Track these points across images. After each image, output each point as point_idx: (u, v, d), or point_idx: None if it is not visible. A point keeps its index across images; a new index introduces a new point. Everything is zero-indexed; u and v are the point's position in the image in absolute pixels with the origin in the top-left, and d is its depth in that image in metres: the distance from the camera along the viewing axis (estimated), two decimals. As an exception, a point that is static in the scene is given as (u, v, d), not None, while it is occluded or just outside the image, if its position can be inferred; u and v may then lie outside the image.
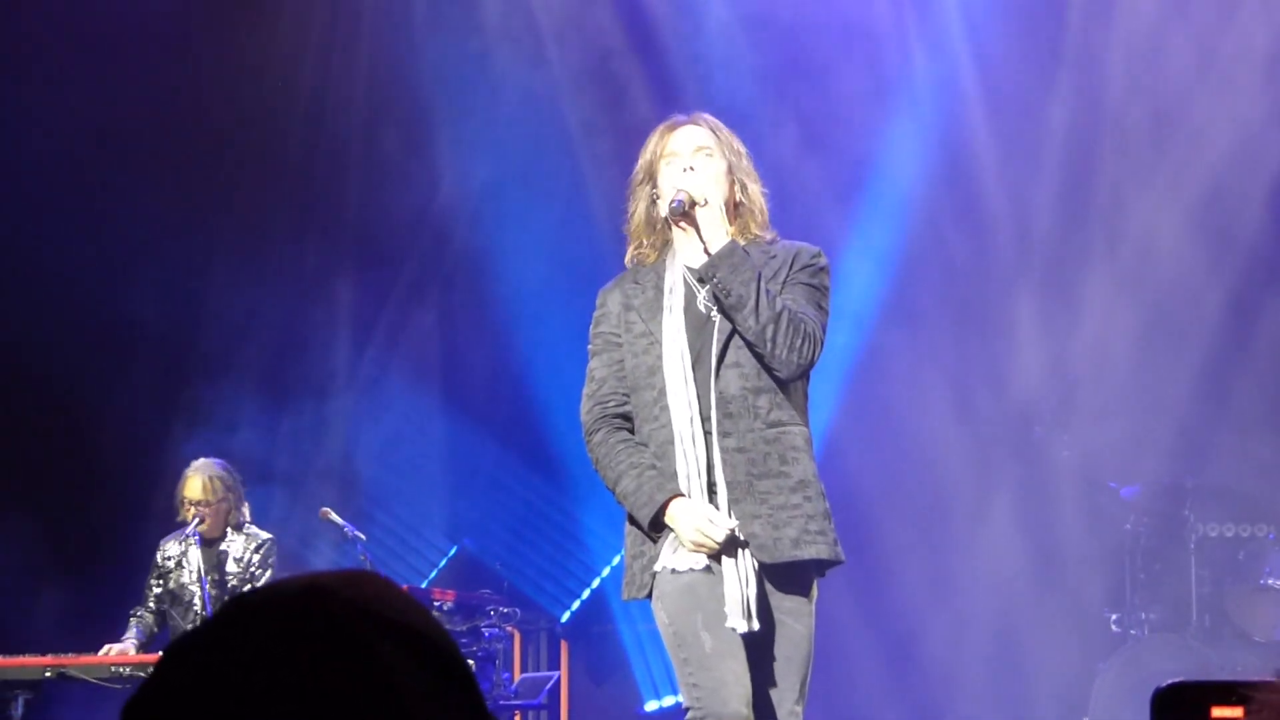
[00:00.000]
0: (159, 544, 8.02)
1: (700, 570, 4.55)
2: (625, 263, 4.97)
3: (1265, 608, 8.42)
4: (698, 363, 4.67)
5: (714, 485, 4.61)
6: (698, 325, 4.72)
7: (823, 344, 4.70)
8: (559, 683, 9.72)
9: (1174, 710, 1.63)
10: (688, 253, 4.83)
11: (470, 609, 8.64)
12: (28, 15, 9.79)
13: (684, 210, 4.68)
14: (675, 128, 4.92)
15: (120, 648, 7.60)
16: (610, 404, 4.76)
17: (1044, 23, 9.62)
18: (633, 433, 4.75)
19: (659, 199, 4.86)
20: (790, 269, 4.78)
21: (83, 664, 7.35)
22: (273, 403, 10.05)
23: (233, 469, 8.05)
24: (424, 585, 9.85)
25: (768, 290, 4.62)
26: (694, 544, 4.53)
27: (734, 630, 4.51)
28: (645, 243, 4.90)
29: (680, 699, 4.60)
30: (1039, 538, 9.23)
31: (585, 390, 4.83)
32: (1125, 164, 9.44)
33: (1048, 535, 9.22)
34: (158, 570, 7.96)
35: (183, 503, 7.87)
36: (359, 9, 10.31)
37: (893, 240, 9.60)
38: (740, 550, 4.55)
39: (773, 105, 9.64)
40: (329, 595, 1.33)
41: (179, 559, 7.90)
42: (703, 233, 4.68)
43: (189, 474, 7.91)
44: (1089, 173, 9.51)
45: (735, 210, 4.83)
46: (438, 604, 8.46)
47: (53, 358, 9.64)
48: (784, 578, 4.64)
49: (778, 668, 4.63)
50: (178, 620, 7.83)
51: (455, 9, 10.08)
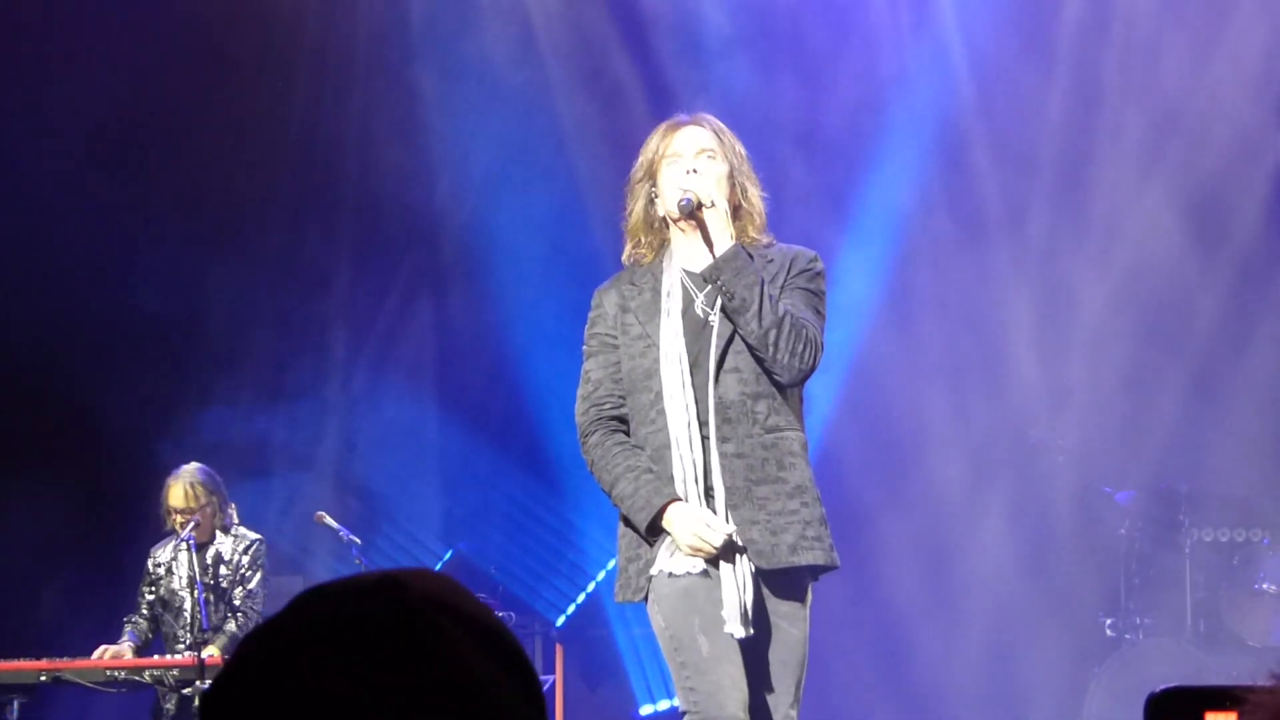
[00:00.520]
0: (149, 551, 8.02)
1: (697, 574, 4.55)
2: (623, 261, 4.96)
3: (1260, 612, 8.43)
4: (695, 367, 4.67)
5: (711, 489, 4.61)
6: (695, 330, 4.72)
7: (823, 349, 4.71)
8: (554, 687, 9.70)
9: (1168, 716, 1.62)
10: (686, 255, 4.82)
11: (465, 613, 8.61)
12: (28, 9, 9.78)
13: (691, 211, 4.67)
14: (678, 127, 4.90)
15: (116, 649, 7.60)
16: (606, 406, 4.76)
17: (1040, 22, 9.62)
18: (628, 435, 4.74)
19: (658, 198, 4.85)
20: (788, 273, 4.78)
21: (77, 667, 7.33)
22: (267, 407, 10.04)
23: (214, 473, 8.03)
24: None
25: (771, 295, 4.62)
26: (691, 548, 4.53)
27: (731, 635, 4.51)
28: (643, 241, 4.89)
29: (676, 703, 4.60)
30: (1034, 542, 9.23)
31: (580, 391, 4.82)
32: (1121, 165, 9.43)
33: (1042, 540, 9.21)
34: (149, 577, 7.96)
35: (168, 512, 7.87)
36: (354, 4, 10.30)
37: (888, 242, 9.60)
38: (737, 555, 4.55)
39: (766, 104, 9.64)
40: (404, 587, 1.36)
41: (169, 565, 7.90)
42: (708, 235, 4.67)
43: (170, 483, 7.90)
44: (1084, 174, 9.51)
45: (735, 213, 4.82)
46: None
47: (41, 359, 9.64)
48: (781, 583, 4.64)
49: (773, 671, 4.63)
50: (171, 625, 7.82)
51: (451, 5, 10.07)
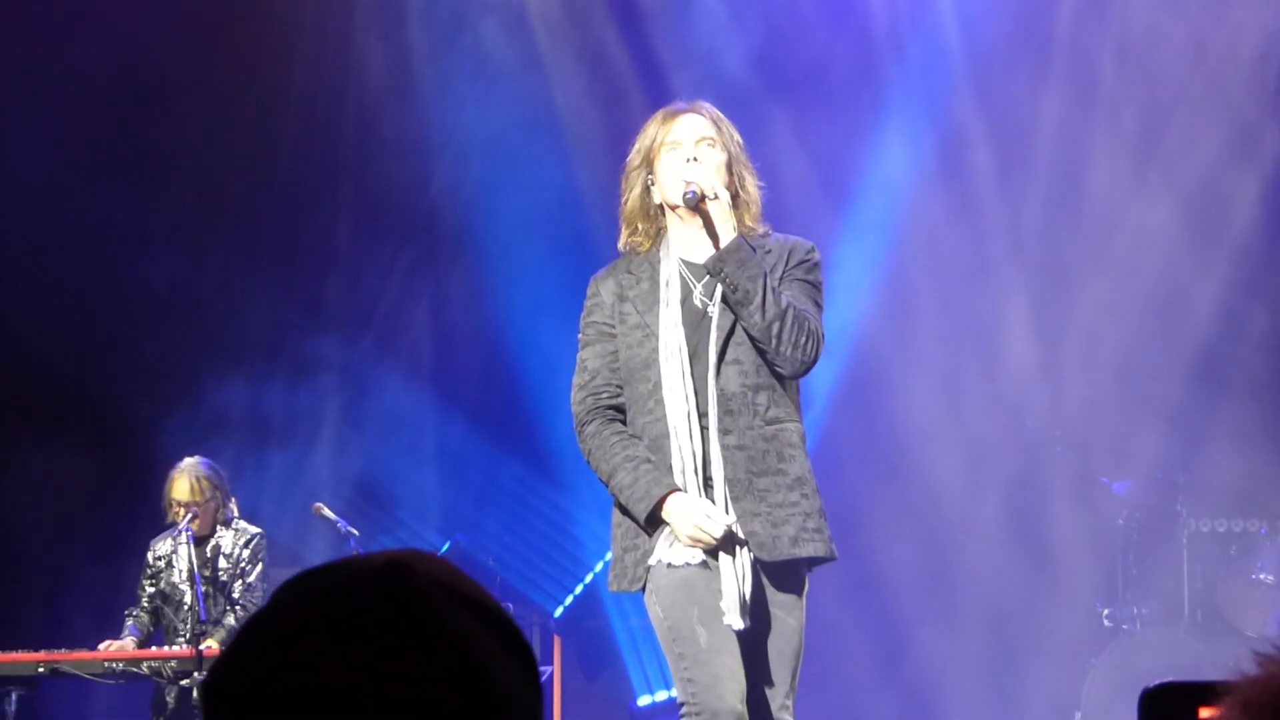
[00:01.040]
0: (149, 544, 8.01)
1: (696, 565, 4.55)
2: (619, 248, 4.94)
3: (1257, 602, 8.44)
4: (694, 358, 4.66)
5: (710, 480, 4.61)
6: (694, 320, 4.71)
7: (824, 340, 4.71)
8: (552, 677, 9.71)
9: (1162, 710, 1.63)
10: (684, 244, 4.81)
11: (463, 604, 8.62)
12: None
13: (696, 203, 4.66)
14: (676, 115, 4.88)
15: (120, 644, 7.60)
16: (603, 395, 4.73)
17: (1037, 10, 9.62)
18: (625, 424, 4.74)
19: (655, 185, 4.84)
20: (786, 264, 4.77)
21: (75, 659, 7.34)
22: (263, 398, 10.04)
23: (218, 467, 8.03)
24: (417, 580, 9.82)
25: (773, 288, 4.62)
26: (691, 539, 4.53)
27: (730, 630, 4.51)
28: (640, 229, 4.87)
29: (674, 694, 4.60)
30: (1031, 532, 9.23)
31: (577, 380, 4.80)
32: (1117, 159, 9.44)
33: (1040, 530, 9.22)
34: (149, 570, 7.95)
35: (170, 504, 7.85)
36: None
37: (884, 234, 9.60)
38: (737, 546, 4.55)
39: (763, 96, 9.63)
40: (410, 569, 1.35)
41: (169, 558, 7.89)
42: (711, 226, 4.67)
43: (175, 476, 7.89)
44: (1081, 167, 9.51)
45: (733, 202, 4.82)
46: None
47: (33, 352, 9.65)
48: (780, 574, 4.64)
49: (770, 662, 4.64)
50: (171, 619, 7.82)
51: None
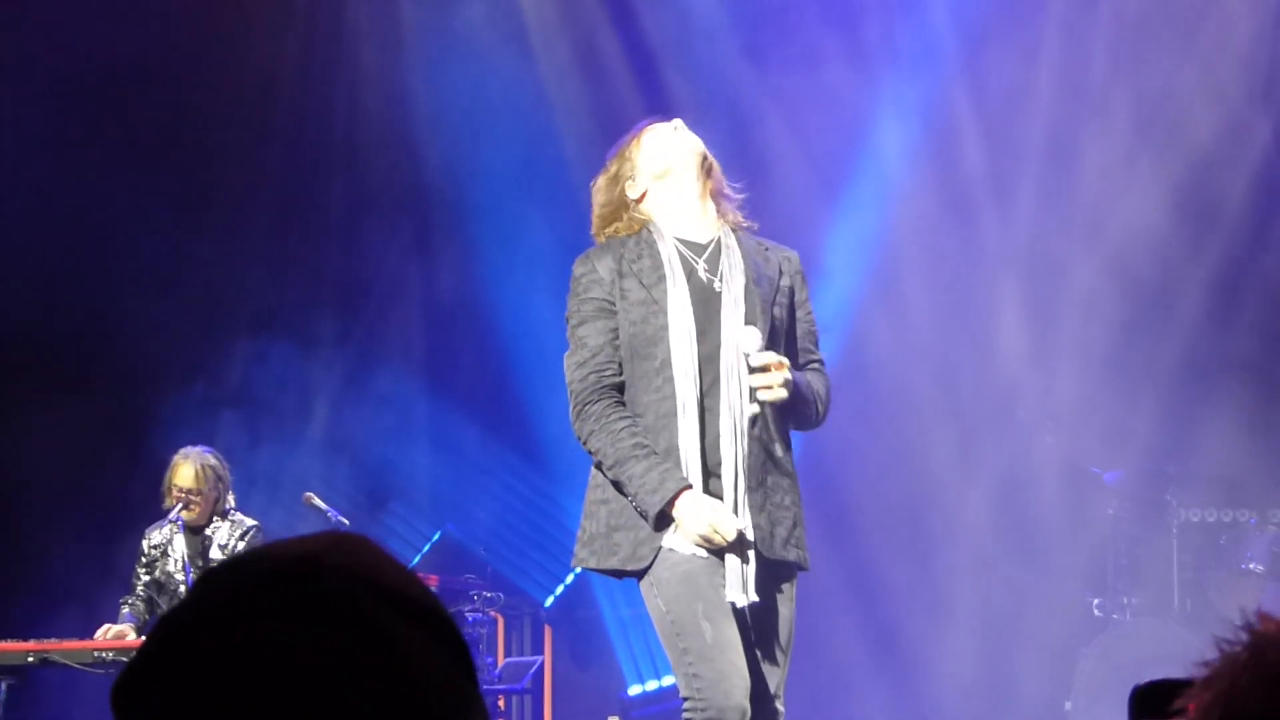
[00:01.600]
0: (144, 532, 7.99)
1: (701, 556, 4.53)
2: (597, 241, 4.93)
3: (1247, 592, 8.45)
4: (703, 335, 4.64)
5: (712, 463, 4.60)
6: (702, 296, 4.69)
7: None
8: (542, 667, 9.72)
9: (1152, 707, 1.63)
10: (675, 223, 4.81)
11: (453, 594, 8.64)
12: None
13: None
14: (646, 126, 4.97)
15: (118, 629, 7.57)
16: (606, 373, 4.66)
17: (1028, 6, 9.62)
18: (625, 404, 4.71)
19: (634, 179, 4.85)
20: (786, 275, 4.81)
21: (66, 649, 7.32)
22: (253, 387, 10.04)
23: (222, 457, 8.02)
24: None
25: (817, 392, 4.82)
26: (701, 540, 4.51)
27: (733, 625, 4.50)
28: (624, 218, 4.86)
29: (664, 683, 4.58)
30: (1021, 522, 9.24)
31: (576, 358, 4.71)
32: (1108, 149, 9.44)
33: (1030, 520, 9.23)
34: (144, 558, 7.92)
35: (170, 489, 7.80)
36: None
37: (876, 225, 9.60)
38: (744, 540, 4.55)
39: (755, 88, 9.64)
40: (320, 562, 1.30)
41: (164, 547, 7.86)
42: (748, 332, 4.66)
43: (179, 461, 7.82)
44: (1072, 158, 9.51)
45: (720, 200, 4.83)
46: (421, 589, 8.44)
47: (19, 344, 9.64)
48: (772, 568, 4.65)
49: (766, 654, 4.64)
50: (164, 608, 7.80)
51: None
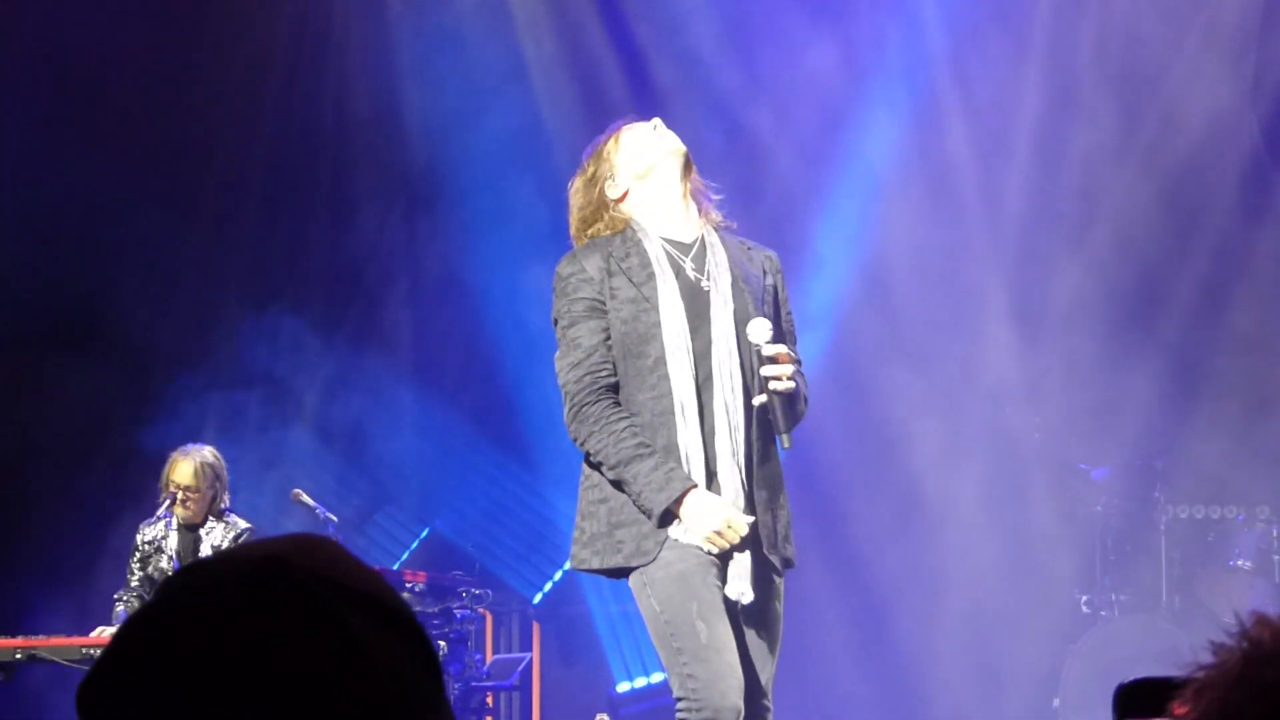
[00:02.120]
0: (138, 527, 7.97)
1: (699, 552, 4.53)
2: (578, 244, 4.90)
3: (1234, 588, 8.47)
4: (694, 332, 4.64)
5: (710, 459, 4.60)
6: (691, 293, 4.68)
7: None
8: (531, 664, 9.72)
9: (1135, 707, 1.63)
10: (658, 222, 4.80)
11: (442, 590, 8.63)
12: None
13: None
14: (623, 125, 4.94)
15: (112, 630, 7.56)
16: (602, 374, 4.63)
17: (1017, 2, 9.62)
18: (621, 404, 4.69)
19: (613, 178, 4.83)
20: (769, 274, 4.81)
21: (54, 645, 7.32)
22: (243, 384, 10.03)
23: (220, 455, 7.99)
24: (395, 567, 9.85)
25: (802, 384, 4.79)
26: (709, 540, 4.50)
27: (727, 624, 4.50)
28: (604, 219, 4.83)
29: (673, 689, 4.53)
30: (1010, 519, 9.25)
31: (570, 359, 4.67)
32: (1096, 145, 9.44)
33: (1018, 517, 9.23)
34: (139, 554, 7.90)
35: (168, 485, 7.77)
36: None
37: (864, 222, 9.60)
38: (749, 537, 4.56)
39: (744, 85, 9.64)
40: (287, 563, 1.30)
41: (158, 543, 7.85)
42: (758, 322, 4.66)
43: (179, 458, 7.80)
44: (1060, 153, 9.52)
45: (700, 199, 4.84)
46: (409, 586, 8.45)
47: (5, 343, 9.63)
48: (766, 564, 4.66)
49: (758, 651, 4.64)
50: (154, 604, 7.78)
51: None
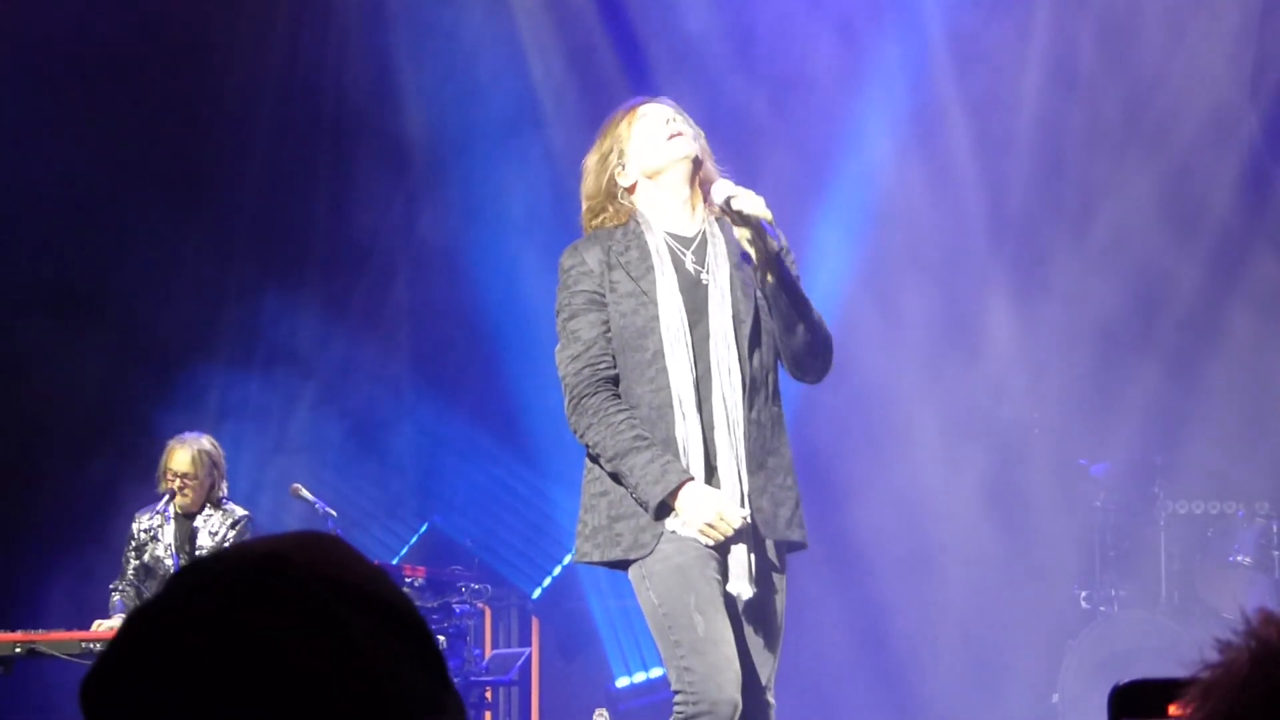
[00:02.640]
0: (134, 515, 7.97)
1: (698, 544, 4.53)
2: (587, 231, 4.91)
3: (1234, 584, 8.46)
4: (693, 326, 4.64)
5: (709, 453, 4.60)
6: (690, 287, 4.69)
7: None
8: (530, 659, 9.72)
9: (1132, 709, 1.63)
10: (665, 218, 4.80)
11: (441, 585, 8.63)
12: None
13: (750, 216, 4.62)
14: (639, 104, 4.92)
15: (110, 624, 7.56)
16: (602, 366, 4.65)
17: (1016, -1, 9.63)
18: (620, 397, 4.70)
19: (624, 168, 4.83)
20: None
21: (53, 640, 7.32)
22: (243, 379, 10.03)
23: (218, 444, 8.01)
24: (394, 562, 9.84)
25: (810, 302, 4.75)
26: (704, 532, 4.51)
27: (725, 618, 4.50)
28: (609, 210, 4.84)
29: (670, 682, 4.53)
30: (1009, 515, 9.24)
31: (569, 351, 4.69)
32: (1097, 142, 9.44)
33: (1018, 512, 9.23)
34: (134, 542, 7.90)
35: (165, 474, 7.78)
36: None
37: (863, 217, 9.60)
38: (748, 531, 4.56)
39: (743, 81, 9.63)
40: (288, 563, 1.32)
41: (154, 531, 7.85)
42: (720, 182, 4.67)
43: (175, 446, 7.82)
44: (1060, 150, 9.51)
45: (707, 189, 4.83)
46: (408, 580, 8.45)
47: (9, 331, 9.62)
48: (775, 551, 4.66)
49: (759, 645, 4.64)
50: (150, 594, 7.80)
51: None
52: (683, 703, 4.44)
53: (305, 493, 8.09)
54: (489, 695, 9.37)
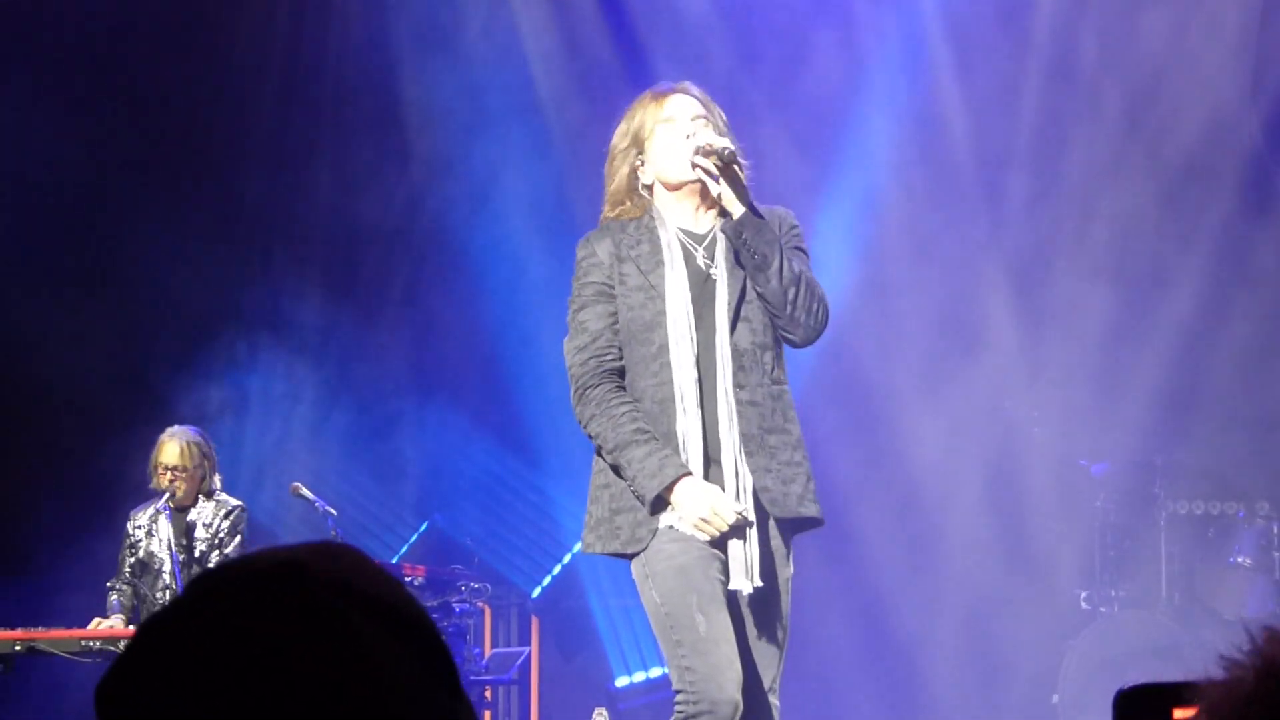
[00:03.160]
0: (129, 514, 7.98)
1: (698, 542, 4.53)
2: (600, 223, 4.91)
3: (1234, 585, 8.45)
4: (699, 321, 4.65)
5: (710, 447, 4.60)
6: (699, 282, 4.70)
7: (829, 307, 4.75)
8: (530, 658, 9.72)
9: (1136, 713, 1.62)
10: (679, 216, 4.81)
11: (441, 584, 8.64)
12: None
13: (731, 159, 4.62)
14: (665, 95, 4.88)
15: (109, 622, 7.56)
16: (607, 358, 4.68)
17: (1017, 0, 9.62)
18: (625, 389, 4.71)
19: (644, 165, 4.83)
20: (780, 232, 4.79)
21: (53, 637, 7.32)
22: (242, 377, 10.03)
23: (207, 436, 8.04)
24: (394, 560, 9.84)
25: (787, 255, 4.65)
26: (698, 527, 4.51)
27: (727, 617, 4.50)
28: (628, 204, 4.85)
29: (672, 681, 4.53)
30: (1009, 515, 9.24)
31: (576, 342, 4.72)
32: (1098, 141, 9.44)
33: (1018, 512, 9.23)
34: (129, 540, 7.92)
35: (156, 468, 7.82)
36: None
37: (864, 215, 9.59)
38: (746, 529, 4.55)
39: (744, 79, 9.63)
40: (304, 570, 1.32)
41: (149, 527, 7.86)
42: (733, 190, 4.64)
43: (165, 440, 7.87)
44: (1061, 149, 9.51)
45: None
46: (408, 579, 8.45)
47: (6, 332, 9.62)
48: (781, 536, 4.65)
49: (763, 644, 4.64)
50: (147, 590, 7.80)
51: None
52: (683, 702, 4.45)
53: (305, 491, 8.09)
54: (489, 694, 9.38)
